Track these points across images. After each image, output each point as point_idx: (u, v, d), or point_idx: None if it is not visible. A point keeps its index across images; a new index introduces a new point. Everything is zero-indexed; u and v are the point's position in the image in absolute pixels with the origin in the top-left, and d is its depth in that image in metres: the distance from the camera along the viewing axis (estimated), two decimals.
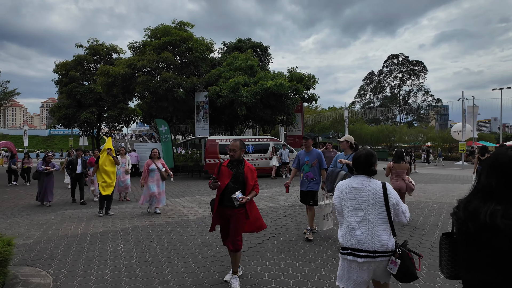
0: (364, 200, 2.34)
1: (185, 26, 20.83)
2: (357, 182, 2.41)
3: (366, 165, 2.44)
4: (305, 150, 5.54)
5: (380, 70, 68.90)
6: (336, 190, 2.53)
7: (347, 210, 2.39)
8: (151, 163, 7.67)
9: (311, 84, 19.89)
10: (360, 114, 48.95)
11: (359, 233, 2.29)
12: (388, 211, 2.31)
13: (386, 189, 2.34)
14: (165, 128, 18.54)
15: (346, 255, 2.34)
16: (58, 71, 23.68)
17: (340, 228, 2.45)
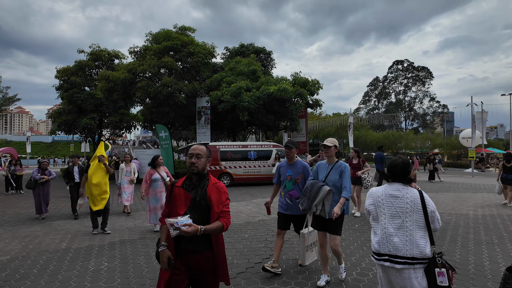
0: (402, 207, 2.37)
1: (187, 30, 20.55)
2: (394, 190, 2.44)
3: (403, 173, 2.46)
4: (287, 162, 4.24)
5: (385, 76, 68.34)
6: (369, 197, 2.55)
7: (384, 217, 2.42)
8: (154, 173, 6.54)
9: (315, 89, 19.39)
10: (365, 120, 48.27)
11: (397, 239, 2.32)
12: (426, 218, 2.33)
13: (424, 197, 2.37)
14: (165, 134, 18.08)
15: (383, 261, 2.37)
16: (60, 76, 23.46)
17: (375, 235, 2.47)
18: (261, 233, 6.33)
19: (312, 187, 3.71)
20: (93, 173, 6.39)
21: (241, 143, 15.88)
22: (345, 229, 6.51)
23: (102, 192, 6.39)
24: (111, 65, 24.40)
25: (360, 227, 6.72)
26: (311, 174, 4.06)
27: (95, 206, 6.35)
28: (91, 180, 6.34)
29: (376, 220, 2.48)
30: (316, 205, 3.65)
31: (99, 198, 6.36)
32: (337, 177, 3.75)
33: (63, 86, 23.29)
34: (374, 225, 2.50)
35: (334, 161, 3.86)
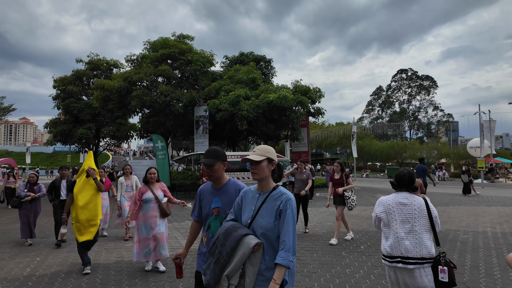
0: (411, 213, 2.63)
1: (185, 38, 20.15)
2: (402, 198, 2.71)
3: (410, 183, 2.73)
4: (212, 184, 2.43)
5: (389, 85, 67.85)
6: (380, 205, 2.79)
7: (395, 223, 2.66)
8: (146, 191, 4.87)
9: (317, 97, 18.75)
10: (368, 130, 47.48)
11: (408, 242, 2.56)
12: (431, 222, 2.60)
13: (428, 204, 2.67)
14: (162, 144, 17.46)
15: (395, 263, 2.59)
16: (57, 86, 23.11)
17: (387, 239, 2.69)
18: None
19: (226, 239, 1.89)
20: (79, 192, 4.80)
21: (240, 153, 15.18)
22: (349, 252, 5.73)
23: (91, 217, 4.79)
24: (110, 74, 24.07)
25: (366, 249, 5.94)
26: (235, 208, 2.16)
27: (81, 235, 4.71)
28: (77, 201, 4.76)
29: (387, 226, 2.73)
30: (228, 276, 1.84)
31: (87, 225, 4.74)
32: (272, 219, 1.92)
33: (60, 95, 22.90)
34: (385, 230, 2.75)
35: (269, 188, 2.04)
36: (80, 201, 4.77)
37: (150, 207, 4.79)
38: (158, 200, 4.85)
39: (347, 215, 9.52)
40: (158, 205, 4.84)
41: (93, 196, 4.91)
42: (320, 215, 9.68)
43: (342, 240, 6.57)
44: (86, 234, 4.75)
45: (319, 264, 5.09)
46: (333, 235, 7.01)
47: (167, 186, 18.50)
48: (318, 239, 6.68)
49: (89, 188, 4.90)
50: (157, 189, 4.95)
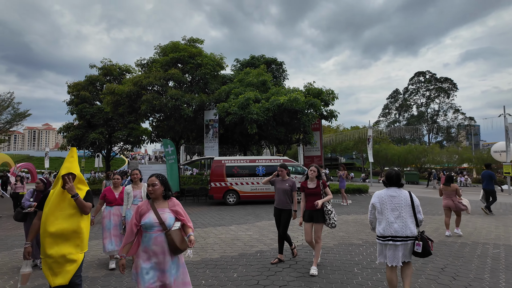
0: (399, 203, 3.59)
1: (195, 42, 19.95)
2: (392, 191, 3.67)
3: (397, 180, 3.71)
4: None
5: (406, 88, 65.98)
6: (375, 197, 3.74)
7: (387, 211, 3.60)
8: (147, 211, 3.03)
9: (330, 100, 18.10)
10: (385, 134, 46.04)
11: (396, 225, 3.51)
12: (413, 210, 3.58)
13: (412, 196, 3.63)
14: (172, 149, 17.19)
15: (387, 241, 3.55)
16: (71, 91, 23.40)
17: (380, 224, 3.64)
18: (255, 271, 5.03)
19: None
20: (51, 212, 3.11)
21: (249, 157, 14.70)
22: (362, 269, 5.10)
23: (67, 249, 3.11)
24: (122, 79, 24.20)
25: (383, 265, 5.29)
26: None
27: (54, 276, 3.06)
28: (47, 225, 3.07)
29: (381, 213, 3.64)
30: None
31: (62, 261, 3.07)
32: None
33: (74, 101, 23.16)
34: (379, 217, 3.66)
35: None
36: (50, 226, 3.05)
37: (151, 237, 2.88)
38: (165, 227, 2.91)
39: (357, 224, 8.83)
40: (165, 235, 2.90)
41: (72, 218, 3.15)
42: None
43: (355, 254, 5.94)
44: (60, 275, 3.05)
45: (327, 283, 4.51)
46: (341, 249, 6.38)
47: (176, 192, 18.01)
48: (328, 252, 6.07)
49: (67, 206, 3.15)
50: (164, 208, 3.02)
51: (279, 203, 5.44)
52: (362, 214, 10.90)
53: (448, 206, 7.60)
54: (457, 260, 5.55)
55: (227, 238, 7.43)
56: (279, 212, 5.46)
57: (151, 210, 2.97)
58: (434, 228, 8.39)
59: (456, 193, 7.52)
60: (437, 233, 7.83)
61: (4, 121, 21.40)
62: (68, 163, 3.32)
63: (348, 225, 8.88)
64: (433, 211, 11.61)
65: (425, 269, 5.05)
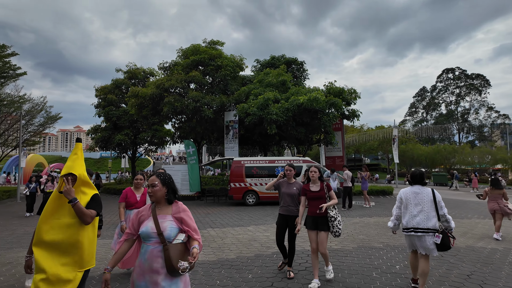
0: (421, 199, 4.02)
1: (216, 44, 20.20)
2: (416, 189, 4.12)
3: (420, 179, 4.16)
4: None
5: (434, 86, 63.36)
6: (401, 193, 4.21)
7: (410, 205, 4.06)
8: (147, 218, 2.46)
9: (352, 99, 17.69)
10: (412, 133, 44.43)
11: (418, 218, 3.94)
12: (435, 205, 3.96)
13: (434, 192, 4.04)
14: (193, 150, 17.52)
15: (409, 232, 4.00)
16: (98, 95, 24.38)
17: (404, 217, 4.10)
18: (270, 273, 4.99)
19: None
20: (45, 219, 2.64)
21: (268, 158, 14.67)
22: (381, 274, 4.92)
23: (61, 268, 2.59)
24: (146, 82, 24.92)
25: (403, 270, 5.08)
26: None
27: None
28: (41, 234, 2.61)
29: (405, 208, 4.12)
30: None
31: (53, 281, 2.53)
32: None
33: (101, 104, 24.11)
34: (404, 211, 4.14)
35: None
36: (46, 234, 2.57)
37: (147, 250, 2.29)
38: (163, 239, 2.28)
39: (379, 227, 8.55)
40: (163, 248, 2.27)
41: (70, 228, 2.62)
42: (352, 227, 8.80)
43: (375, 258, 5.75)
44: None
45: (343, 287, 4.39)
46: (360, 252, 6.19)
47: (197, 192, 18.32)
48: (346, 256, 5.92)
49: (65, 214, 2.65)
50: (166, 215, 2.40)
51: (285, 209, 4.74)
52: (385, 216, 10.55)
53: (494, 209, 7.50)
54: (485, 267, 5.24)
55: (244, 238, 7.44)
56: (285, 219, 4.76)
57: (151, 217, 2.41)
58: (462, 232, 7.97)
59: (503, 196, 7.46)
60: (465, 237, 7.43)
61: (38, 124, 22.63)
62: (70, 161, 2.79)
63: (370, 227, 8.63)
64: (462, 215, 11.04)
65: (450, 275, 4.80)
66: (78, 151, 2.87)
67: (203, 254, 6.12)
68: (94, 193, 2.85)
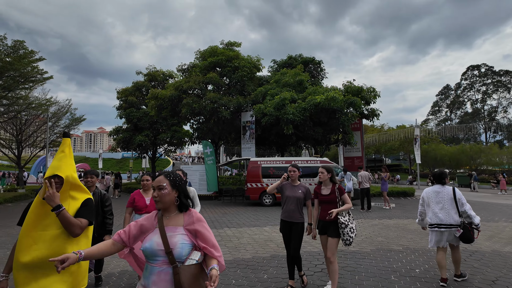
0: (442, 197, 4.38)
1: (233, 46, 20.35)
2: (436, 188, 4.49)
3: (440, 178, 4.52)
4: None
5: (458, 84, 61.00)
6: (423, 192, 4.63)
7: (432, 204, 4.43)
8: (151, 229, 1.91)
9: (371, 98, 17.33)
10: (435, 133, 42.96)
11: (441, 215, 4.30)
12: (456, 203, 4.32)
13: (455, 190, 4.37)
14: (210, 150, 17.71)
15: (433, 228, 4.37)
16: (119, 97, 25.11)
17: (428, 214, 4.49)
18: (285, 273, 4.97)
19: None
20: (26, 232, 2.13)
21: (285, 158, 14.61)
22: (400, 277, 4.79)
23: None
24: (165, 84, 25.45)
25: (423, 273, 4.92)
26: None
27: None
28: (19, 252, 2.11)
29: (428, 206, 4.50)
30: None
31: None
32: None
33: (122, 106, 24.82)
34: (427, 208, 4.55)
35: None
36: (24, 253, 2.08)
37: (153, 271, 1.80)
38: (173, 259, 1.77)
39: (399, 229, 8.32)
40: (173, 271, 1.76)
41: (57, 241, 2.16)
42: (371, 229, 8.62)
43: (393, 260, 5.60)
44: None
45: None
46: (378, 255, 6.05)
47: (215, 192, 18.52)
48: (364, 258, 5.80)
49: (51, 223, 2.17)
50: (177, 226, 1.88)
51: (288, 214, 4.24)
52: (405, 218, 10.26)
53: None
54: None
55: (260, 239, 7.44)
56: (288, 226, 4.26)
57: (157, 229, 1.84)
58: (488, 236, 7.64)
59: None
60: (491, 241, 7.12)
61: (63, 126, 23.62)
62: (56, 160, 2.29)
63: (389, 230, 8.42)
64: (488, 217, 10.57)
65: (473, 281, 4.61)
66: (65, 148, 2.36)
67: None
68: (86, 198, 2.37)
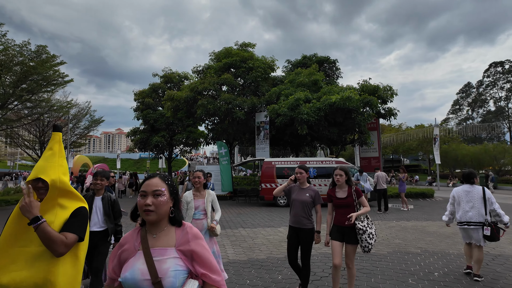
0: (472, 196, 4.60)
1: (247, 46, 20.42)
2: (467, 187, 4.70)
3: (468, 178, 4.74)
4: None
5: (480, 81, 58.87)
6: (454, 191, 4.85)
7: (463, 202, 4.65)
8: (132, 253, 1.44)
9: (388, 96, 16.98)
10: (455, 132, 41.63)
11: (471, 213, 4.53)
12: (485, 202, 4.53)
13: (485, 190, 4.58)
14: (225, 151, 17.83)
15: (463, 225, 4.63)
16: (137, 99, 25.65)
17: (457, 213, 4.74)
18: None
19: None
20: (6, 246, 1.76)
21: (300, 159, 14.53)
22: (418, 280, 4.67)
23: None
24: (181, 86, 25.80)
25: (442, 277, 4.78)
26: None
27: None
28: None
29: (458, 204, 4.74)
30: None
31: None
32: None
33: (139, 107, 25.34)
34: (457, 207, 4.78)
35: None
36: (4, 271, 1.73)
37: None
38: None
39: (417, 231, 8.10)
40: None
41: (40, 260, 1.78)
42: (388, 231, 8.44)
43: (411, 263, 5.47)
44: None
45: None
46: (396, 257, 5.91)
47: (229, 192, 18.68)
48: (380, 260, 5.69)
49: (35, 239, 1.80)
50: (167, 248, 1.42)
51: (295, 219, 3.92)
52: (424, 220, 9.99)
53: None
54: None
55: (275, 239, 7.43)
56: (295, 232, 3.93)
57: (140, 251, 1.42)
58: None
59: None
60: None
61: (83, 127, 24.35)
62: (42, 160, 1.93)
63: (407, 231, 8.23)
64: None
65: (495, 285, 4.44)
66: (54, 145, 1.97)
67: (233, 254, 6.21)
68: (77, 207, 1.94)
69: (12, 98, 15.29)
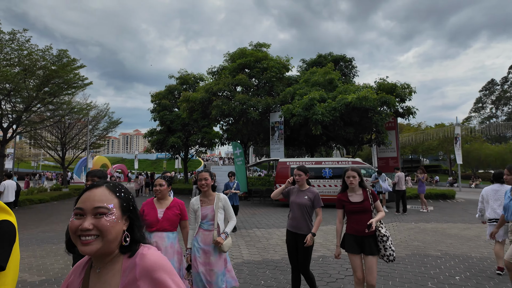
0: (501, 195, 4.77)
1: (262, 47, 20.41)
2: (495, 186, 4.94)
3: (497, 178, 4.94)
4: None
5: (505, 78, 56.55)
6: (483, 191, 5.08)
7: (491, 201, 4.87)
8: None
9: (406, 95, 16.56)
10: (478, 131, 40.14)
11: (499, 211, 4.69)
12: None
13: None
14: (240, 151, 17.86)
15: (492, 223, 4.82)
16: (153, 100, 26.11)
17: (487, 210, 4.93)
18: (315, 276, 4.87)
19: None
20: None
21: (315, 159, 14.36)
22: (437, 284, 4.52)
23: None
24: (196, 87, 26.07)
25: (463, 281, 4.60)
26: None
27: None
28: None
29: (487, 202, 4.95)
30: None
31: None
32: None
33: (156, 109, 25.78)
34: (486, 205, 5.00)
35: None
36: None
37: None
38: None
39: (437, 233, 7.83)
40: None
41: None
42: (406, 233, 8.21)
43: (431, 266, 5.29)
44: None
45: None
46: (414, 260, 5.74)
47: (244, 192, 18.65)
48: (398, 263, 5.54)
49: None
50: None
51: (292, 224, 3.69)
52: (444, 222, 9.67)
53: None
54: None
55: None
56: (294, 238, 3.67)
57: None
58: None
59: None
60: None
61: (102, 128, 25.00)
62: None
63: (426, 234, 7.98)
64: None
65: None
66: None
67: (248, 254, 6.19)
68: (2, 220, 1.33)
69: (36, 101, 15.85)
